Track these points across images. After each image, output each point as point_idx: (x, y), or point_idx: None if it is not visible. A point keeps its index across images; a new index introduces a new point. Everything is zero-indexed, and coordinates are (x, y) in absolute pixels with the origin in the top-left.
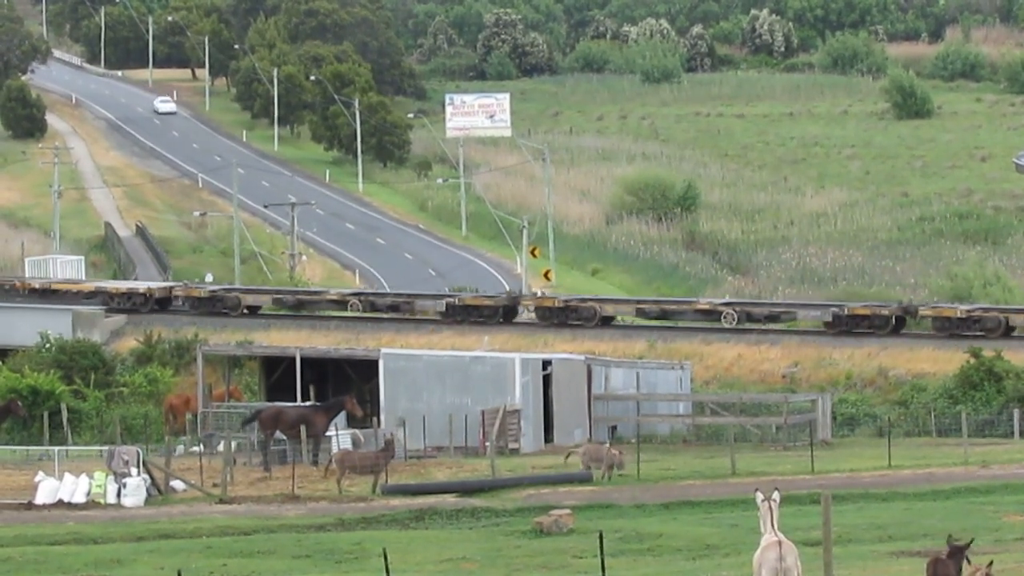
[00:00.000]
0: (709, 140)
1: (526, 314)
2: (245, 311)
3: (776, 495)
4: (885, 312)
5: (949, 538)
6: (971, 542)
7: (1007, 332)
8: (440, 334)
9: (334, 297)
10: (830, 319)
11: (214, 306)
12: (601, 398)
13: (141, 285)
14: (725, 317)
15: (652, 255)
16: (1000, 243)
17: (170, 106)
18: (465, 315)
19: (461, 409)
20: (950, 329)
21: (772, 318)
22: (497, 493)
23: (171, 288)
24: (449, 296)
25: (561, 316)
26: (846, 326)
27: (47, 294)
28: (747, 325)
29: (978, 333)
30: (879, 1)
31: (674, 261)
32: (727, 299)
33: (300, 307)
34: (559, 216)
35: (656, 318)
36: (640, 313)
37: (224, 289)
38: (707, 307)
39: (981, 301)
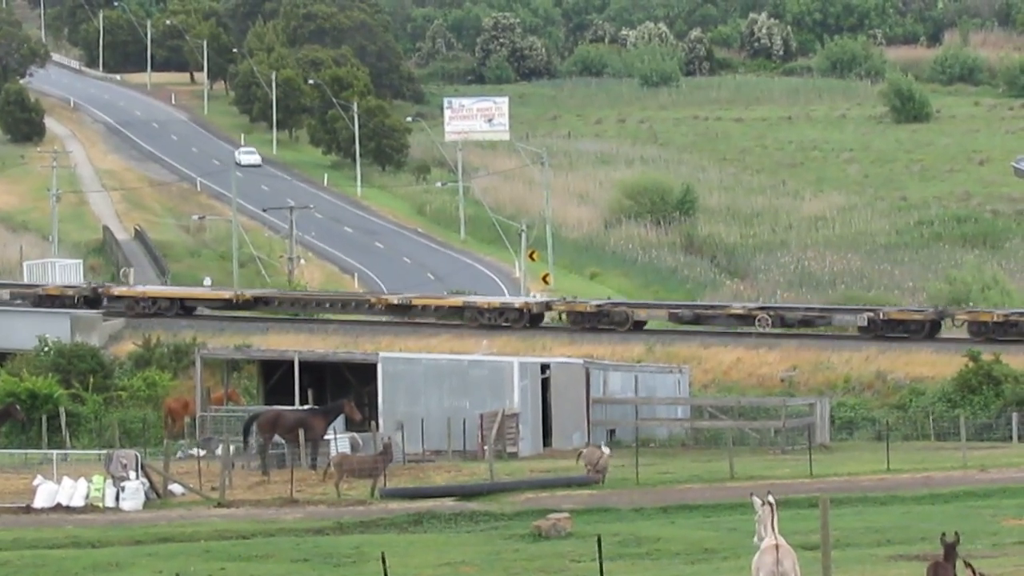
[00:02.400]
0: (707, 144)
1: (955, 330)
2: (631, 327)
3: (770, 497)
4: None
5: (942, 537)
6: (957, 538)
7: None
8: (438, 337)
9: (738, 311)
10: None
11: (599, 321)
12: (599, 402)
13: (516, 300)
14: None
15: (650, 259)
16: (998, 247)
17: (255, 157)
18: (888, 330)
19: (459, 413)
20: None
21: None
22: (495, 497)
23: (548, 303)
24: (870, 309)
25: (999, 332)
26: None
27: (402, 309)
28: None
29: None
30: (877, 5)
31: (672, 265)
32: None
33: (697, 321)
34: (557, 220)
35: None
36: None
37: (611, 304)
38: None
39: (982, 304)
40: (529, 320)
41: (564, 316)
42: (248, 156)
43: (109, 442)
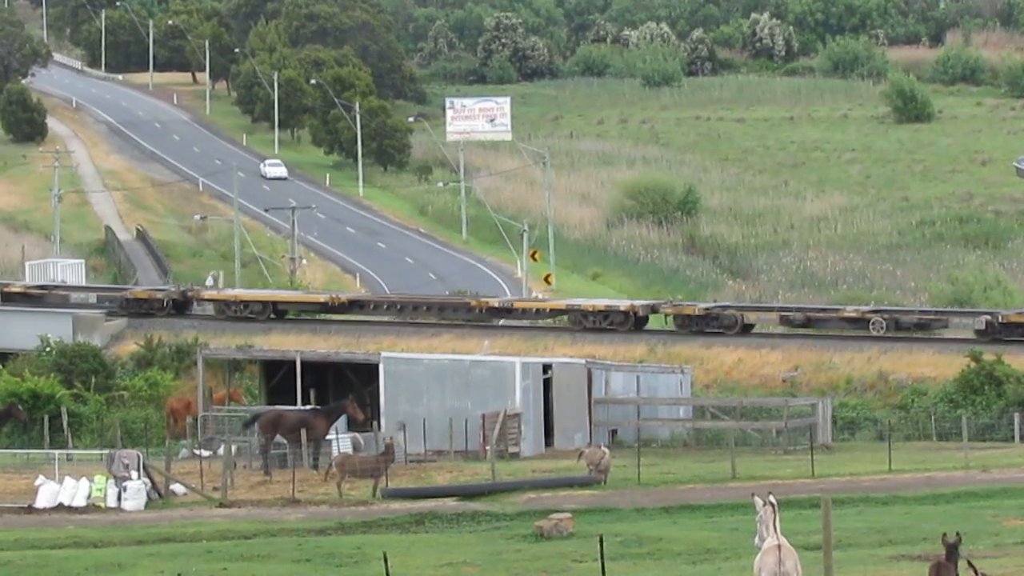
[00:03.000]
0: (709, 144)
1: None
2: (740, 330)
3: (771, 497)
4: None
5: (944, 536)
6: (959, 538)
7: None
8: (440, 337)
9: (851, 315)
10: None
11: (708, 324)
12: (601, 402)
13: (621, 303)
14: None
15: (652, 259)
16: (1000, 247)
17: (281, 170)
18: (1006, 333)
19: (461, 413)
20: None
21: None
22: (497, 497)
23: (653, 305)
24: (987, 313)
25: None
26: None
27: (503, 312)
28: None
29: None
30: (880, 5)
31: (674, 265)
32: None
33: (808, 325)
34: (559, 220)
35: None
36: None
37: (720, 307)
38: None
39: (981, 305)
40: (635, 323)
41: (670, 319)
42: (274, 168)
43: (111, 442)
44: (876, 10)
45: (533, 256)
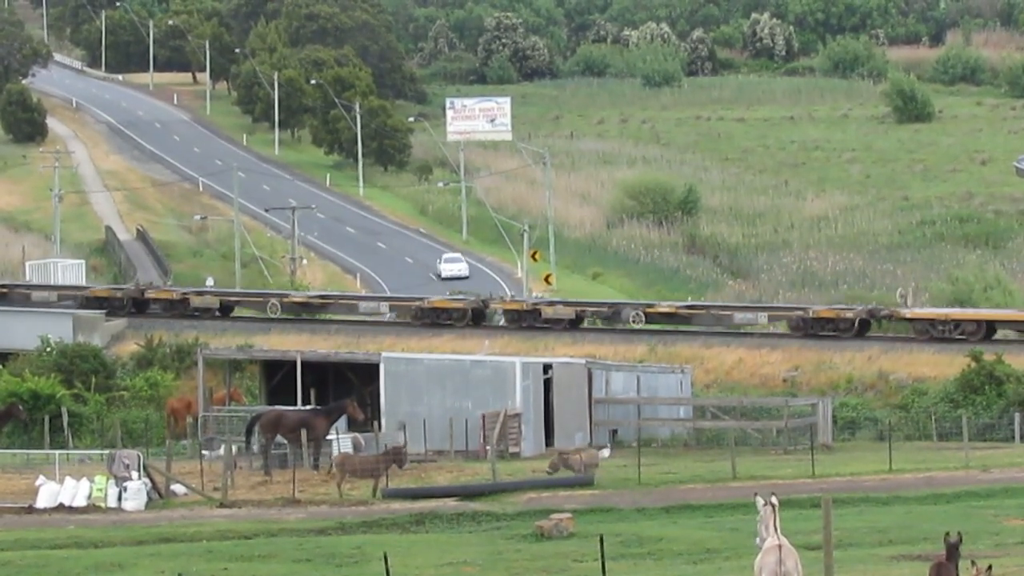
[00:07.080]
0: (710, 144)
1: None
2: None
3: (773, 498)
4: None
5: (946, 536)
6: (960, 538)
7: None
8: (440, 338)
9: None
10: None
11: None
12: (602, 402)
13: None
14: None
15: (653, 259)
16: (1000, 247)
17: (461, 266)
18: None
19: (462, 413)
20: None
21: None
22: (498, 497)
23: None
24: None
25: None
26: None
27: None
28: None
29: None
30: (880, 5)
31: (675, 265)
32: None
33: None
34: (560, 220)
35: None
36: None
37: None
38: None
39: (981, 305)
40: None
41: None
42: (452, 265)
43: (111, 442)
44: (876, 10)
45: (533, 256)
